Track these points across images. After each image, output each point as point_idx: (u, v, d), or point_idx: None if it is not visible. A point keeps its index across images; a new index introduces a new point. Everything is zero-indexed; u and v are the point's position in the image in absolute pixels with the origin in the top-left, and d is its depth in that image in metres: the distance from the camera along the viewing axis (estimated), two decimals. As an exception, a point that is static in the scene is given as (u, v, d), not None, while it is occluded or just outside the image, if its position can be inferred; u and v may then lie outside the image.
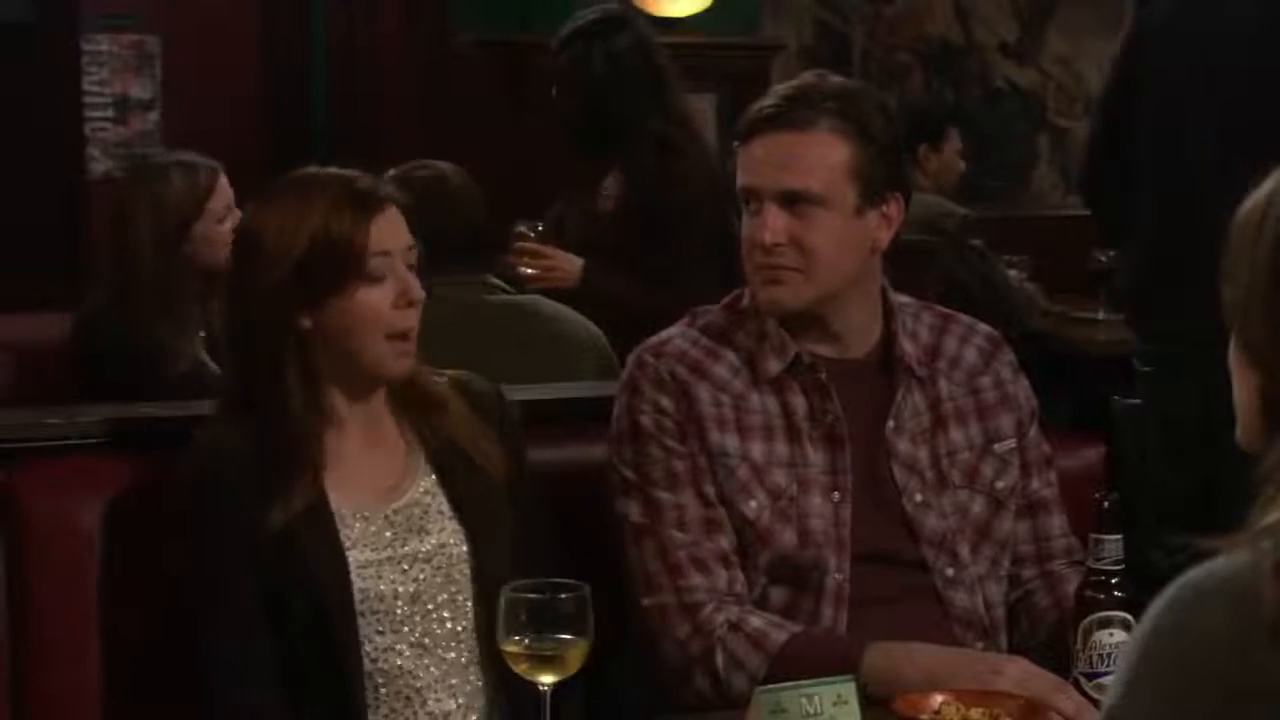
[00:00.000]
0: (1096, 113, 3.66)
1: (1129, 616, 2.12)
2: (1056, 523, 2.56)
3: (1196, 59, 3.24)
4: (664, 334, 2.53)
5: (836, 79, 2.51)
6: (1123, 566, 2.15)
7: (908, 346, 2.50)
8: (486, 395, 2.46)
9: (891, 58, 7.26)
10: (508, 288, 3.51)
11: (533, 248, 3.91)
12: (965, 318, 2.61)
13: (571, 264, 3.91)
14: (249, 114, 6.98)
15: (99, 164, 6.83)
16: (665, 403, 2.44)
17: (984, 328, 2.61)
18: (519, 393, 2.59)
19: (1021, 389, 2.58)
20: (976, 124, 6.81)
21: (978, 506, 2.49)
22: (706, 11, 6.54)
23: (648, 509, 2.43)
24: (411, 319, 2.32)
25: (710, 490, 2.42)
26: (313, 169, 2.37)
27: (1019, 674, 2.22)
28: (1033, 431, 2.57)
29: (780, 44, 7.04)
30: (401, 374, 2.34)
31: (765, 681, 2.26)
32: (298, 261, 2.27)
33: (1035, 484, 2.55)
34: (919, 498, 2.45)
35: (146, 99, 7.20)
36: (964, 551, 2.46)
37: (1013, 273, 5.48)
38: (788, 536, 2.41)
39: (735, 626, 2.36)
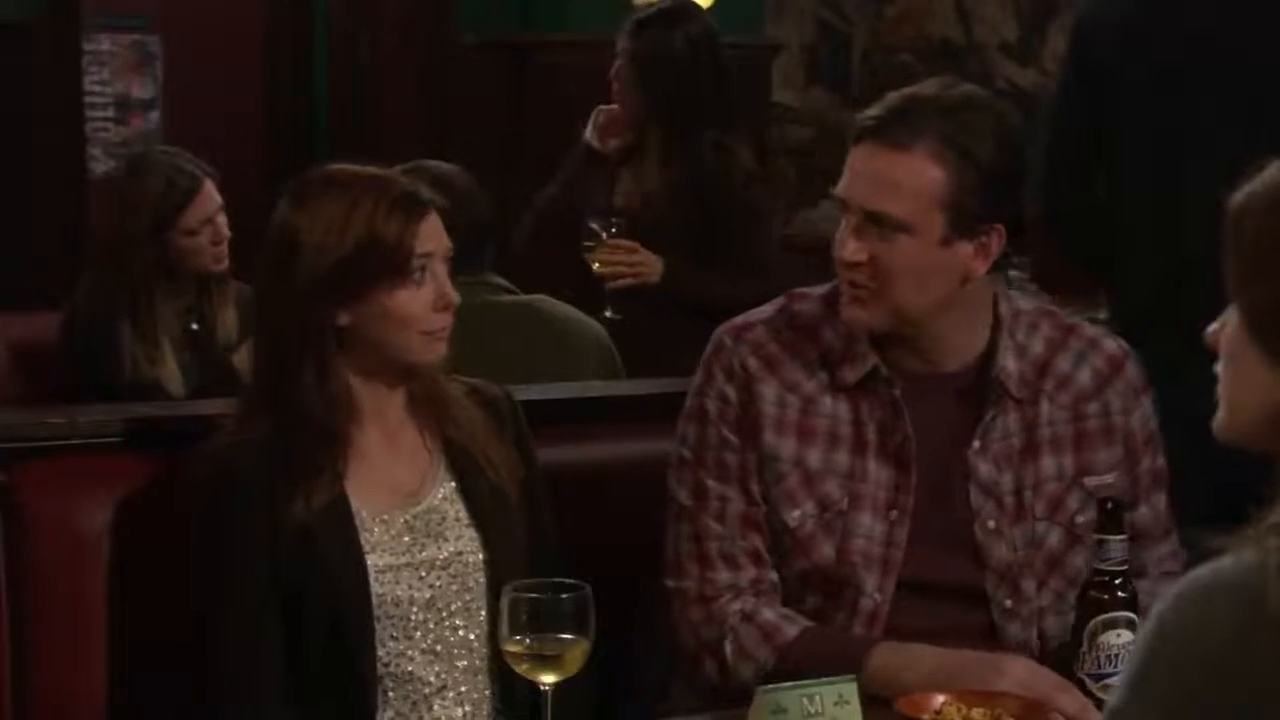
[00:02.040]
0: (1054, 116, 3.55)
1: (1134, 616, 2.12)
2: (1154, 554, 2.44)
3: (1156, 60, 3.20)
4: (753, 314, 2.47)
5: (960, 91, 2.35)
6: (1127, 566, 2.15)
7: (1011, 364, 2.39)
8: (499, 402, 2.48)
9: (892, 58, 7.26)
10: (512, 288, 3.51)
11: (622, 243, 3.90)
12: (1091, 330, 2.49)
13: (655, 260, 3.92)
14: (250, 114, 6.99)
15: (100, 164, 6.82)
16: (730, 393, 2.41)
17: (1110, 345, 2.47)
18: (522, 393, 2.59)
19: (1136, 417, 2.44)
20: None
21: (1054, 539, 2.39)
22: (708, 11, 6.54)
23: (694, 492, 2.42)
24: (446, 320, 2.34)
25: (756, 488, 2.39)
26: (346, 167, 2.38)
27: (1022, 673, 2.20)
28: (1145, 461, 2.46)
29: (781, 44, 7.05)
30: (435, 360, 2.36)
31: (773, 674, 2.26)
32: (342, 260, 2.28)
33: (1143, 510, 2.45)
34: (991, 524, 2.37)
35: (147, 99, 7.20)
36: (1028, 585, 2.38)
37: (1014, 273, 5.47)
38: (826, 550, 2.37)
39: (748, 617, 2.35)
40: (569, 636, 2.07)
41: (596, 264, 3.90)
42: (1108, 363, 2.45)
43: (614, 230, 3.90)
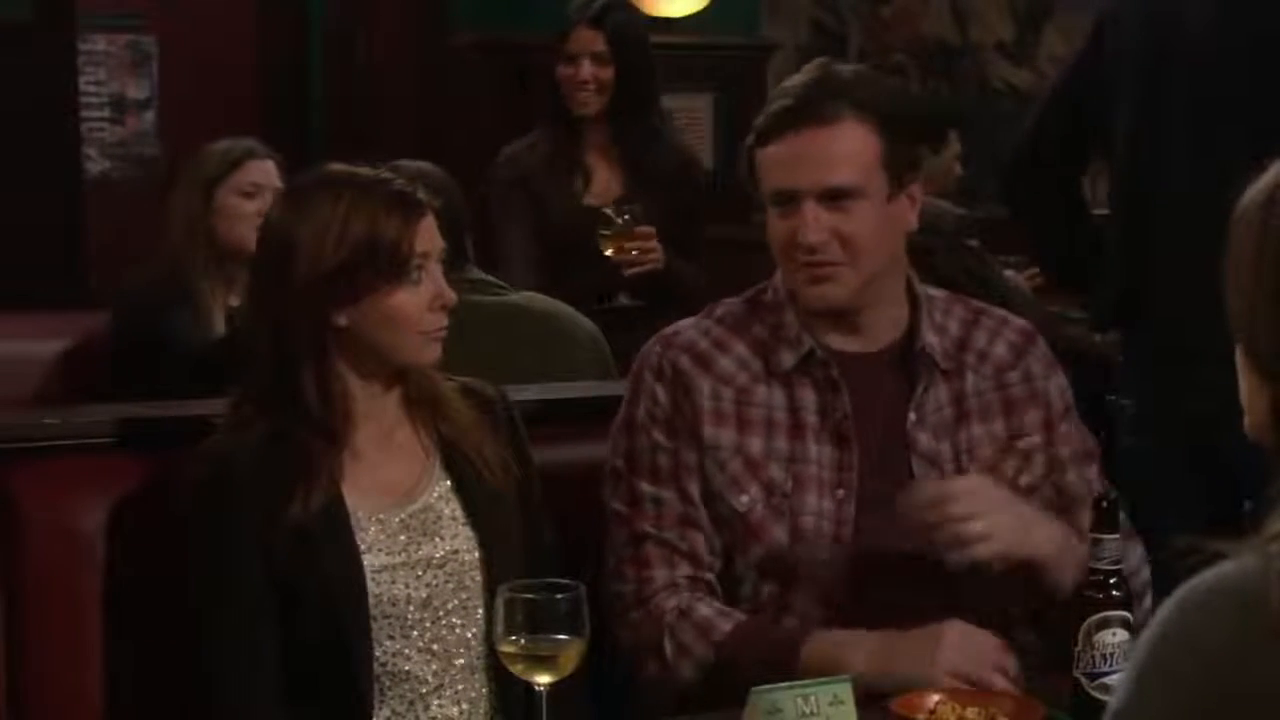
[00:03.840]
0: (1051, 102, 3.55)
1: (1129, 615, 2.12)
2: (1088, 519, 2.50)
3: (1162, 54, 3.20)
4: (680, 324, 2.54)
5: (846, 68, 2.50)
6: (1121, 566, 2.15)
7: (933, 339, 2.48)
8: (493, 401, 2.48)
9: (888, 58, 7.26)
10: (499, 283, 3.50)
11: (639, 230, 3.95)
12: (1000, 312, 2.59)
13: (660, 248, 3.99)
14: (245, 114, 6.97)
15: (95, 164, 6.83)
16: (661, 395, 2.45)
17: (1019, 322, 2.58)
18: (518, 393, 2.59)
19: (1054, 384, 2.54)
20: (973, 124, 6.81)
21: None
22: (704, 11, 6.55)
23: (628, 499, 2.44)
24: (443, 320, 2.35)
25: (694, 488, 2.42)
26: (339, 168, 2.38)
27: (958, 639, 2.25)
28: (1064, 426, 2.53)
29: (777, 44, 7.05)
30: (431, 362, 2.36)
31: (712, 670, 2.32)
32: (341, 262, 2.28)
33: (1071, 477, 2.51)
34: None
35: (143, 99, 7.20)
36: None
37: (1009, 273, 5.47)
38: (778, 533, 2.41)
39: (684, 614, 2.38)
40: (564, 637, 2.07)
41: (610, 250, 3.94)
42: (1020, 335, 2.56)
43: (627, 217, 3.94)
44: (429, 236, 2.34)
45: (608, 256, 3.95)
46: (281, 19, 7.08)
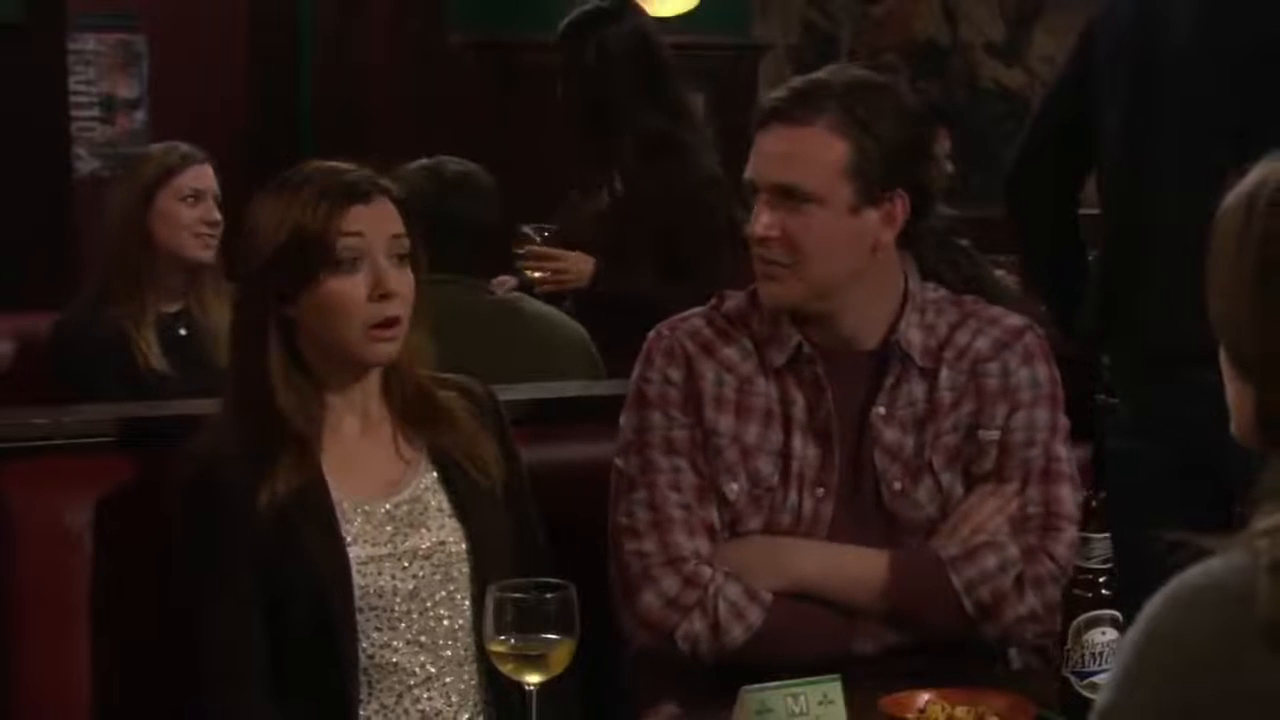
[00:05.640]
0: (1043, 105, 3.55)
1: (1118, 614, 2.13)
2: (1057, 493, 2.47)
3: (1144, 67, 3.20)
4: (686, 313, 2.56)
5: (854, 72, 2.49)
6: (1110, 565, 2.16)
7: (914, 336, 2.47)
8: (483, 399, 2.48)
9: (878, 58, 7.26)
10: (491, 289, 3.50)
11: (541, 250, 3.87)
12: (994, 312, 2.56)
13: (583, 265, 3.88)
14: (237, 114, 6.98)
15: (85, 164, 6.82)
16: (673, 374, 2.47)
17: (1012, 321, 2.54)
18: (509, 393, 2.59)
19: (1025, 375, 2.49)
20: (963, 124, 6.81)
21: (959, 490, 2.46)
22: (694, 11, 6.54)
23: (645, 466, 2.45)
24: (390, 309, 2.31)
25: (704, 466, 2.44)
26: (315, 163, 2.38)
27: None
28: (1020, 415, 2.48)
29: (768, 44, 7.05)
30: (382, 360, 2.35)
31: (758, 638, 2.35)
32: (276, 251, 2.29)
33: (1032, 454, 2.47)
34: (898, 485, 2.45)
35: (133, 98, 7.19)
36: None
37: (999, 273, 5.47)
38: (754, 526, 2.44)
39: (727, 579, 2.39)
40: (554, 636, 2.07)
41: (526, 270, 3.88)
42: (1006, 332, 2.53)
43: (546, 235, 3.87)
44: (369, 223, 2.31)
45: (525, 275, 3.86)
46: (273, 18, 7.07)
